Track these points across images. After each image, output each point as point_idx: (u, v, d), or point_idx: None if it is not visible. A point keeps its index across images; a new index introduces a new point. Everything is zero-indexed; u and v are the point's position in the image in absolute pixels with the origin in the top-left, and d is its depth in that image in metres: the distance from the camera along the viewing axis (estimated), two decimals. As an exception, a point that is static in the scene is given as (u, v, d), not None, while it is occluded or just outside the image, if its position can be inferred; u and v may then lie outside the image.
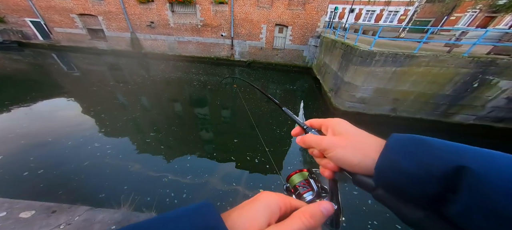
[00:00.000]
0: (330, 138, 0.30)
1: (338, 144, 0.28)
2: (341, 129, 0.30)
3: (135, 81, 8.68)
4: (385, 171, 0.22)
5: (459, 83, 4.78)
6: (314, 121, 0.37)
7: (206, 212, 0.20)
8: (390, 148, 0.23)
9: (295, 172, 0.40)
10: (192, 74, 10.38)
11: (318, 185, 0.36)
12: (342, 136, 0.29)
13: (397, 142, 0.23)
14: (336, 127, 0.31)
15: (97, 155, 3.87)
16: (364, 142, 0.27)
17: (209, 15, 11.24)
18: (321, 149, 0.30)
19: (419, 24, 16.89)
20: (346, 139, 0.28)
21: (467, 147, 0.20)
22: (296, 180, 0.38)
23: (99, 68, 10.59)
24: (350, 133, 0.29)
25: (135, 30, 12.80)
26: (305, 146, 0.34)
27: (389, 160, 0.22)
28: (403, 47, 5.73)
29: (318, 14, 9.98)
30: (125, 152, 4.11)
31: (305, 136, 0.34)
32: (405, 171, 0.20)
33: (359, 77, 5.39)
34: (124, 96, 7.04)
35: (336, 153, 0.28)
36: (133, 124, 5.24)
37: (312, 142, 0.32)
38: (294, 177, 0.39)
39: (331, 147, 0.28)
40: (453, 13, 15.04)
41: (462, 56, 4.46)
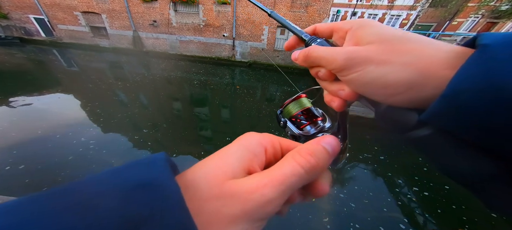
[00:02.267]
0: (352, 49, 0.18)
1: (372, 57, 0.17)
2: (375, 33, 0.18)
3: (134, 79, 8.71)
4: (471, 96, 0.12)
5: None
6: (321, 25, 0.25)
7: (150, 164, 0.13)
8: (498, 53, 0.12)
9: (291, 100, 0.30)
10: (193, 74, 10.41)
11: (325, 116, 0.28)
12: (376, 44, 0.17)
13: (501, 41, 0.12)
14: (363, 32, 0.19)
15: (83, 150, 3.83)
16: (422, 51, 0.15)
17: (211, 15, 11.28)
18: (335, 67, 0.19)
19: (421, 29, 16.90)
20: (383, 49, 0.16)
21: None
22: (292, 110, 0.29)
23: (99, 66, 10.63)
24: (393, 38, 0.17)
25: (137, 29, 12.86)
26: (307, 63, 0.23)
27: (489, 75, 0.11)
28: (404, 51, 5.68)
29: (320, 17, 10.00)
30: (114, 148, 4.08)
31: (308, 49, 0.22)
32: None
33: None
34: (121, 94, 7.06)
35: (364, 73, 0.17)
36: (129, 121, 5.24)
37: (319, 57, 0.20)
38: (290, 106, 0.30)
39: (355, 64, 0.17)
40: (455, 18, 15.06)
41: (464, 61, 4.45)
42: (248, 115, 6.27)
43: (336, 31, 0.23)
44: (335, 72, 0.20)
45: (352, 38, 0.20)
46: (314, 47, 0.22)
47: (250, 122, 5.87)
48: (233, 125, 5.76)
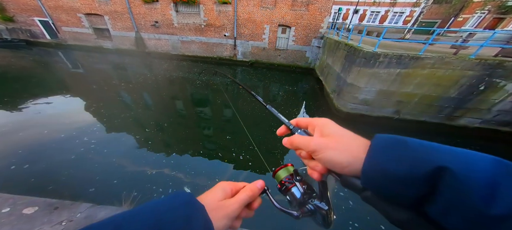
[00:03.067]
0: (318, 140, 0.29)
1: (327, 145, 0.27)
2: (329, 130, 0.30)
3: (137, 80, 8.82)
4: (370, 173, 0.23)
5: (464, 86, 4.68)
6: (301, 120, 0.36)
7: (182, 194, 0.27)
8: (374, 149, 0.23)
9: (281, 168, 0.40)
10: (195, 74, 10.47)
11: (304, 186, 0.36)
12: (331, 137, 0.29)
13: (380, 143, 0.23)
14: (324, 128, 0.31)
15: (87, 149, 3.91)
16: (352, 143, 0.27)
17: (212, 15, 11.30)
18: (310, 150, 0.29)
19: (425, 26, 16.61)
20: (334, 140, 0.28)
21: (446, 147, 0.20)
22: (282, 175, 0.38)
23: (103, 67, 10.78)
24: (338, 134, 0.29)
25: (139, 30, 12.98)
26: (292, 147, 0.33)
27: (373, 162, 0.22)
28: (408, 48, 5.64)
29: (321, 15, 9.92)
30: (116, 147, 4.13)
31: (292, 137, 0.33)
32: (389, 172, 0.20)
33: (362, 78, 5.33)
34: (125, 95, 7.16)
35: (325, 155, 0.27)
36: (132, 121, 5.32)
37: (300, 143, 0.31)
38: (280, 172, 0.39)
39: (320, 148, 0.28)
40: (460, 15, 14.75)
41: (469, 58, 4.37)
42: (250, 114, 6.29)
43: (310, 125, 0.34)
44: (310, 153, 0.30)
45: (318, 131, 0.31)
46: (296, 136, 0.33)
47: (253, 120, 5.89)
48: (234, 124, 5.79)
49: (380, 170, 0.21)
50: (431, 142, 0.21)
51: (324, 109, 7.00)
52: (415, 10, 16.28)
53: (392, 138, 0.23)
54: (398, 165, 0.20)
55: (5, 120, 4.87)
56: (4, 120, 4.86)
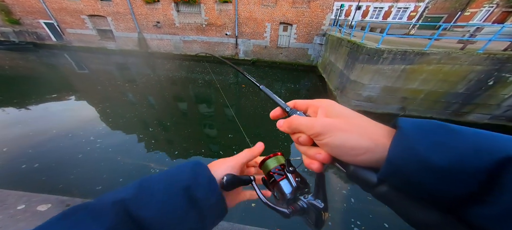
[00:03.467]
0: (326, 120, 0.24)
1: (339, 127, 0.23)
2: (337, 111, 0.25)
3: (141, 80, 8.93)
4: (399, 162, 0.18)
5: (473, 81, 4.57)
6: (299, 102, 0.32)
7: (197, 163, 0.30)
8: (406, 133, 0.19)
9: (269, 157, 0.34)
10: (197, 73, 10.51)
11: (297, 179, 0.31)
12: (341, 118, 0.24)
13: (414, 126, 0.19)
14: (330, 108, 0.26)
15: (93, 149, 4.00)
16: (369, 126, 0.23)
17: (213, 15, 11.30)
18: (314, 133, 0.24)
19: (431, 21, 16.24)
20: (347, 122, 0.23)
21: (510, 136, 0.16)
22: (270, 165, 0.33)
23: (108, 68, 10.94)
24: (350, 115, 0.24)
25: (142, 30, 13.08)
26: (290, 130, 0.28)
27: (406, 148, 0.18)
28: (412, 44, 5.53)
29: (323, 11, 9.80)
30: (120, 146, 4.21)
31: (290, 118, 0.28)
32: (428, 162, 0.16)
33: (366, 75, 5.26)
34: (130, 94, 7.25)
35: (335, 138, 0.22)
36: (137, 120, 5.40)
37: (300, 124, 0.26)
38: (268, 162, 0.34)
39: (328, 130, 0.23)
40: (468, 9, 14.35)
41: (477, 53, 4.26)
42: (253, 113, 6.29)
43: (310, 107, 0.30)
44: (313, 137, 0.25)
45: (323, 112, 0.27)
46: (296, 117, 0.28)
47: (255, 120, 5.90)
48: (236, 123, 5.81)
49: (416, 158, 0.17)
50: (485, 130, 0.17)
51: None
52: (419, 5, 15.90)
53: (428, 122, 0.19)
54: (442, 154, 0.16)
55: (15, 120, 5.00)
56: (14, 120, 5.00)
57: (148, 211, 0.22)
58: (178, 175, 0.27)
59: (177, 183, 0.25)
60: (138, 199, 0.23)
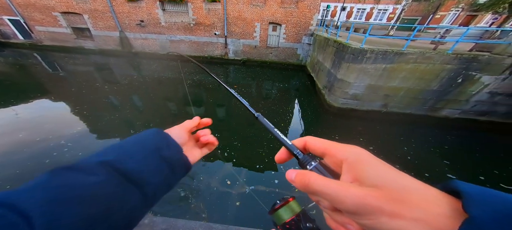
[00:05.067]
0: (360, 194, 0.18)
1: (383, 208, 0.16)
2: (373, 174, 0.19)
3: (124, 81, 8.46)
4: None
5: (444, 79, 5.01)
6: (312, 141, 0.26)
7: (158, 131, 0.34)
8: (482, 224, 0.13)
9: (282, 205, 0.30)
10: (186, 74, 10.21)
11: None
12: (383, 189, 0.17)
13: (495, 217, 0.14)
14: (360, 168, 0.20)
15: (61, 153, 3.79)
16: (426, 205, 0.16)
17: (201, 14, 11.03)
18: (346, 210, 0.18)
19: (407, 23, 17.51)
20: (392, 198, 0.17)
21: None
22: (284, 216, 0.29)
23: (86, 69, 10.16)
24: (392, 183, 0.18)
25: (124, 29, 12.33)
26: (307, 191, 0.22)
27: None
28: (392, 44, 5.92)
29: (310, 12, 10.07)
30: (94, 149, 3.93)
31: (306, 176, 0.22)
32: None
33: (351, 74, 5.51)
34: (111, 96, 6.84)
35: (379, 224, 0.17)
36: (119, 122, 5.17)
37: (323, 191, 0.20)
38: (281, 212, 0.29)
39: (367, 212, 0.17)
40: (438, 12, 15.73)
41: (447, 53, 4.68)
42: (244, 114, 6.26)
43: (329, 156, 0.23)
44: (345, 212, 0.19)
45: (351, 172, 0.20)
46: (313, 177, 0.21)
47: (247, 119, 5.88)
48: (229, 122, 5.74)
49: None
50: None
51: (316, 105, 7.16)
52: (397, 7, 17.08)
53: (507, 207, 0.14)
54: None
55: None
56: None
57: (131, 164, 0.27)
58: (147, 140, 0.31)
59: (148, 146, 0.30)
60: (120, 158, 0.27)
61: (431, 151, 4.67)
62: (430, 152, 4.64)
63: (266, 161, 4.02)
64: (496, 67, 4.52)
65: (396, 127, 5.64)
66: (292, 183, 0.23)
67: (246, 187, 3.34)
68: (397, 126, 5.68)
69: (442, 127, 5.70)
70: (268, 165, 3.89)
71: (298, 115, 6.61)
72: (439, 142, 5.02)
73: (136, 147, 0.30)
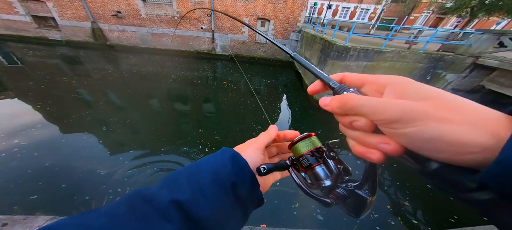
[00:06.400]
0: (409, 103, 0.17)
1: (433, 113, 0.16)
2: (420, 90, 0.18)
3: (98, 76, 7.77)
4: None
5: (416, 77, 5.51)
6: (349, 75, 0.25)
7: (223, 149, 0.30)
8: None
9: (302, 138, 0.29)
10: (169, 69, 9.69)
11: (340, 166, 0.27)
12: (431, 100, 0.17)
13: None
14: (406, 88, 0.19)
15: (11, 154, 3.47)
16: (481, 112, 0.16)
17: (186, 7, 10.43)
18: (386, 119, 0.18)
19: (386, 22, 18.71)
20: (444, 105, 0.16)
21: None
22: (302, 148, 0.29)
23: (51, 62, 9.04)
24: (444, 96, 0.17)
25: (97, 20, 11.13)
26: (341, 111, 0.22)
27: None
28: (372, 43, 6.29)
29: (299, 8, 10.16)
30: (66, 149, 3.77)
31: (345, 95, 0.22)
32: None
33: (336, 71, 5.76)
34: (82, 92, 6.28)
35: (426, 129, 0.16)
36: (91, 119, 4.83)
37: (363, 106, 0.19)
38: (300, 144, 0.29)
39: (413, 118, 0.16)
40: (412, 13, 17.06)
41: (419, 52, 5.13)
42: (233, 111, 6.19)
43: (369, 84, 0.23)
44: (383, 124, 0.18)
45: (394, 92, 0.19)
46: (353, 95, 0.21)
47: (236, 117, 5.82)
48: (214, 117, 5.64)
49: None
50: None
51: (303, 101, 7.37)
52: (378, 8, 18.10)
53: None
54: None
55: None
56: None
57: (204, 211, 0.23)
58: (222, 170, 0.26)
59: (224, 180, 0.25)
60: (194, 200, 0.23)
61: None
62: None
63: None
64: (459, 66, 5.09)
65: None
66: (325, 107, 0.24)
67: None
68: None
69: None
70: None
71: (286, 110, 6.75)
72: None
73: (211, 184, 0.25)
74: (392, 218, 3.03)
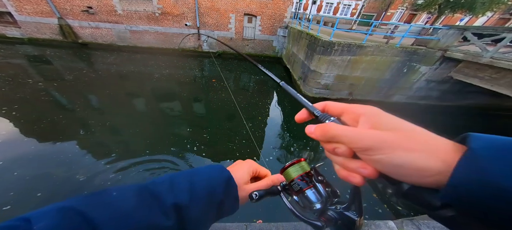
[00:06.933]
0: (379, 133, 0.20)
1: (398, 143, 0.19)
2: (388, 122, 0.22)
3: (69, 76, 7.13)
4: (471, 188, 0.16)
5: (394, 70, 5.93)
6: (331, 104, 0.28)
7: (222, 169, 0.35)
8: (477, 153, 0.16)
9: (292, 163, 0.32)
10: (153, 67, 9.16)
11: (328, 189, 0.30)
12: (397, 131, 0.20)
13: (489, 146, 0.16)
14: (377, 119, 0.22)
15: None
16: (433, 142, 0.19)
17: (168, 3, 9.84)
18: (361, 147, 0.21)
19: (366, 18, 19.67)
20: (406, 136, 0.20)
21: None
22: (292, 174, 0.31)
23: (12, 62, 8.00)
24: (407, 127, 0.21)
25: (64, 16, 10.01)
26: (324, 139, 0.24)
27: (479, 172, 0.15)
28: (354, 38, 6.58)
29: (285, 4, 10.20)
30: (35, 157, 3.46)
31: (326, 125, 0.24)
32: (504, 189, 0.14)
33: (322, 65, 5.95)
34: (55, 93, 5.72)
35: (394, 156, 0.19)
36: (66, 123, 4.47)
37: (342, 135, 0.22)
38: (291, 170, 0.32)
39: (384, 147, 0.19)
40: (389, 10, 18.17)
41: (396, 46, 5.50)
42: (223, 108, 6.09)
43: (347, 113, 0.26)
44: (359, 151, 0.21)
45: (368, 122, 0.22)
46: (333, 125, 0.24)
47: (226, 115, 5.75)
48: (203, 116, 5.51)
49: (493, 184, 0.15)
50: None
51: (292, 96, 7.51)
52: (359, 3, 18.92)
53: (504, 140, 0.16)
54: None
55: None
56: None
57: (193, 213, 0.29)
58: (217, 189, 0.32)
59: (215, 196, 0.31)
60: (190, 207, 0.29)
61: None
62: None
63: (238, 154, 4.09)
64: (430, 59, 5.58)
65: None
66: (311, 135, 0.26)
67: None
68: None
69: (394, 111, 6.75)
70: (240, 159, 3.96)
71: (276, 106, 6.84)
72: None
73: (206, 196, 0.31)
74: (379, 205, 3.24)
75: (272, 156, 4.21)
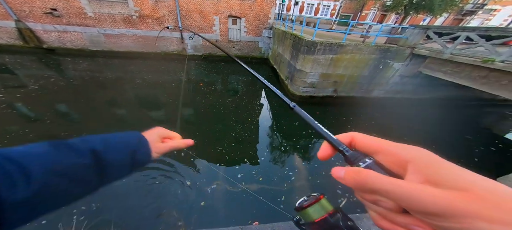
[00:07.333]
0: (449, 197, 0.15)
1: (478, 210, 0.14)
2: (449, 175, 0.17)
3: (35, 85, 6.42)
4: None
5: (372, 67, 6.41)
6: (360, 138, 0.24)
7: (135, 131, 0.43)
8: None
9: (311, 203, 0.28)
10: (133, 73, 8.61)
11: None
12: (469, 192, 0.15)
13: None
14: (432, 170, 0.17)
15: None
16: None
17: (146, 5, 9.33)
18: (426, 212, 0.16)
19: (344, 19, 20.94)
20: (487, 201, 0.15)
21: None
22: (313, 215, 0.27)
23: None
24: (479, 185, 0.15)
25: (23, 18, 8.89)
26: (363, 190, 0.20)
27: None
28: (335, 37, 6.97)
29: (268, 5, 10.37)
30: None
31: (366, 173, 0.20)
32: None
33: (307, 64, 6.18)
34: (16, 105, 5.11)
35: (473, 229, 0.14)
36: (34, 136, 3.94)
37: (393, 192, 0.18)
38: (311, 210, 0.28)
39: (462, 214, 0.15)
40: (363, 10, 19.59)
41: (371, 45, 5.97)
42: (212, 112, 5.97)
43: (385, 154, 0.21)
44: (416, 213, 0.17)
45: (420, 173, 0.18)
46: (373, 174, 0.19)
47: (216, 117, 5.65)
48: (197, 122, 5.36)
49: None
50: None
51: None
52: (336, 4, 20.05)
53: None
54: None
55: None
56: None
57: (110, 156, 0.36)
58: (131, 142, 0.40)
59: (130, 146, 0.39)
60: (106, 150, 0.35)
61: (365, 126, 6.08)
62: (365, 127, 6.05)
63: (227, 158, 4.08)
64: (401, 56, 6.16)
65: (344, 108, 6.88)
66: (340, 180, 0.21)
67: (207, 187, 3.33)
68: (345, 108, 6.93)
69: (373, 105, 7.28)
70: (230, 162, 3.99)
71: (266, 107, 6.93)
72: (370, 117, 6.60)
73: (120, 145, 0.38)
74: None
75: (263, 156, 4.26)
